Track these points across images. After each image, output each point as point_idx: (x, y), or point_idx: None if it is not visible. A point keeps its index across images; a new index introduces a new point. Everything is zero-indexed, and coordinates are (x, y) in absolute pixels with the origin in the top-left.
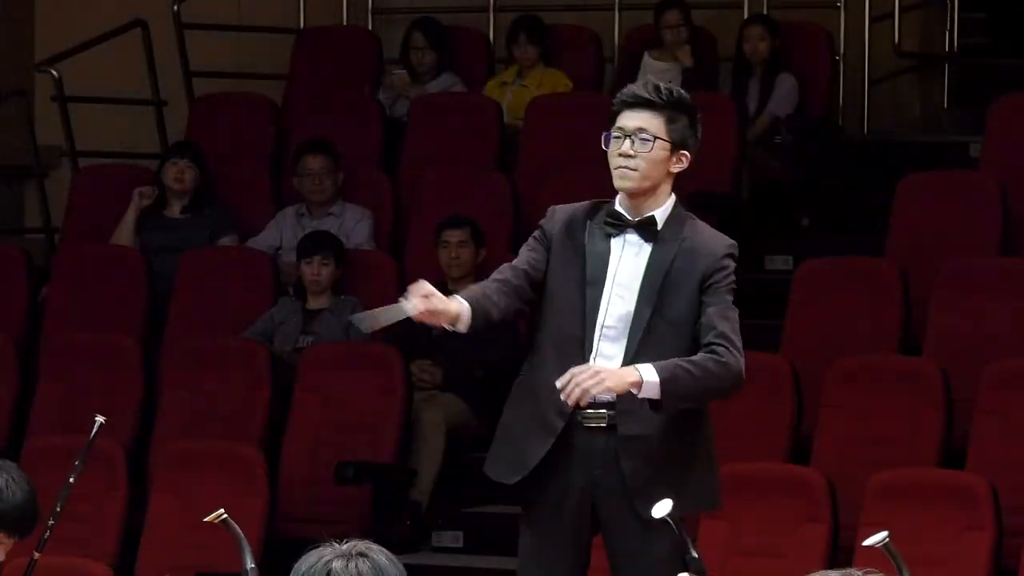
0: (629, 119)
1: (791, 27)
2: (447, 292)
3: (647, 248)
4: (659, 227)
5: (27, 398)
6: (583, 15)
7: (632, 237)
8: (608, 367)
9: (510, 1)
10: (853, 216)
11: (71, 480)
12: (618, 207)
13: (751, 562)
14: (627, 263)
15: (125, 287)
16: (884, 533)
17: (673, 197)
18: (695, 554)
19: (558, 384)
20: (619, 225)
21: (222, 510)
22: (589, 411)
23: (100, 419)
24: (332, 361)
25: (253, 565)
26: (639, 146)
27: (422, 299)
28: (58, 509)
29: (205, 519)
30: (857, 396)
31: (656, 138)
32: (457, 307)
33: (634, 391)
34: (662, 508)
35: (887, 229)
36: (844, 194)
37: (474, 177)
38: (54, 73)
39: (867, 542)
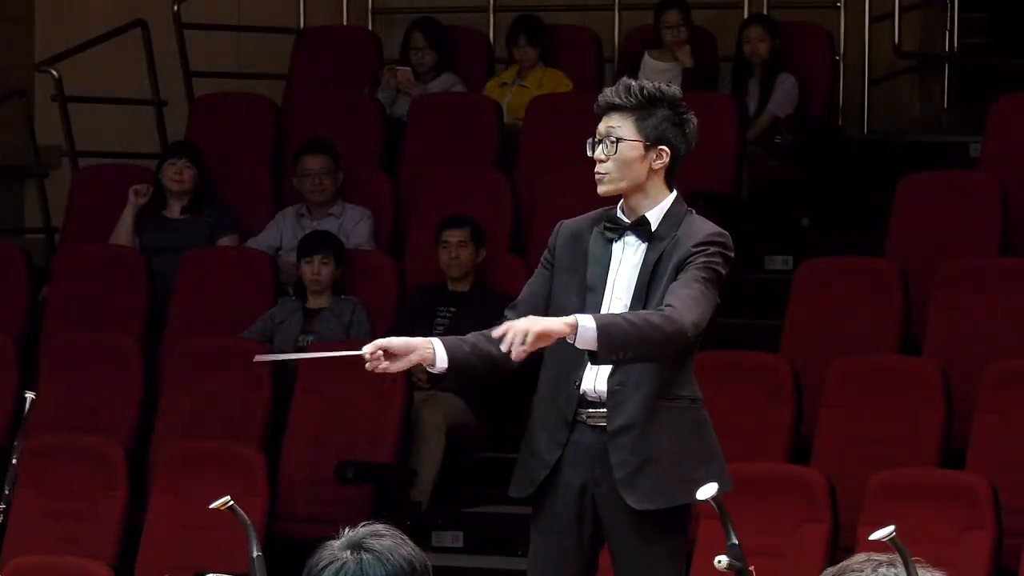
0: (602, 124)
1: (791, 27)
2: (447, 292)
3: (643, 248)
4: (653, 227)
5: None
6: (583, 15)
7: (630, 239)
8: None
9: (510, 1)
10: (853, 216)
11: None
12: (618, 211)
13: (751, 562)
14: (626, 265)
15: (125, 287)
16: (891, 528)
17: (672, 194)
18: (735, 540)
19: (494, 334)
20: (617, 228)
21: (228, 497)
22: (591, 410)
23: (30, 395)
24: (332, 361)
25: (259, 553)
26: (608, 149)
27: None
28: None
29: (211, 505)
30: (857, 396)
31: (620, 140)
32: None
33: (569, 339)
34: (707, 491)
35: (887, 229)
36: (844, 194)
37: (474, 177)
38: (54, 73)
39: (874, 536)
